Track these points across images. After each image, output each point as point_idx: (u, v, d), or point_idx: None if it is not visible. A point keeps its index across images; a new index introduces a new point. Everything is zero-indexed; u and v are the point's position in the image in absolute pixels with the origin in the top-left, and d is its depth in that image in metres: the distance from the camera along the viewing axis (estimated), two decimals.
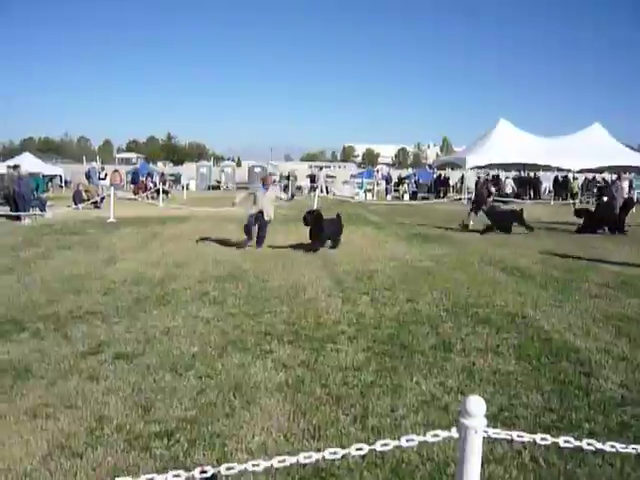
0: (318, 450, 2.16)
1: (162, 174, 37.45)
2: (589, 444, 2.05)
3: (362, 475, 3.22)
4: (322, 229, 11.43)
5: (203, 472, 1.81)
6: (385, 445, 1.94)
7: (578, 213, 16.69)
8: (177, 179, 41.05)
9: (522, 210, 15.64)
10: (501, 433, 1.97)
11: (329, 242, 11.85)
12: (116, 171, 35.51)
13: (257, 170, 41.70)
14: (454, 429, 1.93)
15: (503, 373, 4.79)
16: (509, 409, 4.10)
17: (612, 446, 2.13)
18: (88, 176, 28.92)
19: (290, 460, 1.87)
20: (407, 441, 1.93)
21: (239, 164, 77.91)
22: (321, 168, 47.68)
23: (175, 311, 6.57)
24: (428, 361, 5.04)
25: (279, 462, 1.87)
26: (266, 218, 11.67)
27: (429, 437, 1.95)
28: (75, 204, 20.64)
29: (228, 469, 1.83)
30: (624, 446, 2.21)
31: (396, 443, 1.92)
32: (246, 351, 5.23)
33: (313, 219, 11.50)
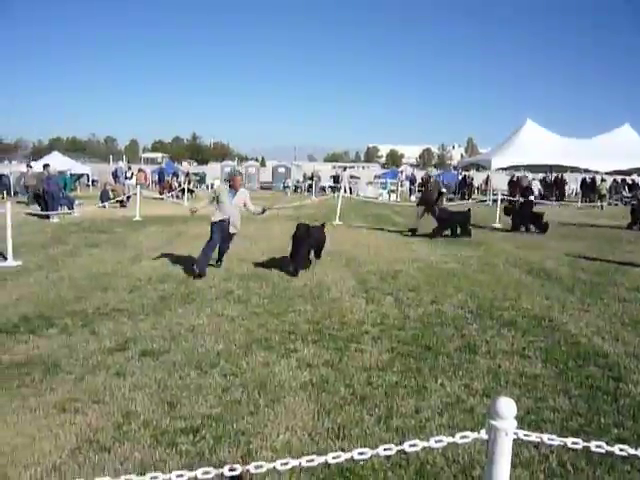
0: (343, 450, 2.16)
1: (187, 173, 37.75)
2: (621, 449, 2.02)
3: (386, 476, 3.21)
4: (305, 243, 9.18)
5: (232, 470, 1.82)
6: (413, 446, 1.93)
7: (507, 211, 16.45)
8: (202, 179, 41.38)
9: (469, 211, 14.96)
10: (532, 435, 1.94)
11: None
12: (141, 170, 35.89)
13: (281, 170, 41.81)
14: (483, 431, 1.91)
15: (529, 376, 4.73)
16: (536, 412, 4.05)
17: None
18: (115, 175, 29.34)
19: (318, 460, 1.87)
20: (436, 442, 1.92)
21: (263, 164, 78.25)
22: (345, 169, 47.66)
23: (200, 309, 6.62)
24: (453, 363, 5.00)
25: (307, 461, 1.87)
26: (232, 230, 9.16)
27: (458, 439, 1.94)
28: (102, 202, 20.97)
29: (257, 467, 1.84)
30: None
31: (425, 444, 1.91)
32: (270, 349, 5.25)
33: (299, 234, 9.10)
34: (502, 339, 5.71)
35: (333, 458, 1.90)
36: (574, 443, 1.96)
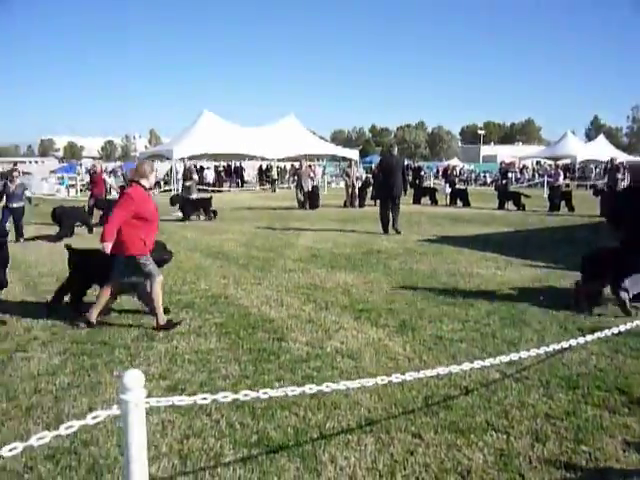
0: None
1: None
2: (246, 395, 2.30)
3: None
4: None
5: None
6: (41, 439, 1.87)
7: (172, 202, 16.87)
8: None
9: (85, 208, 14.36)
10: (162, 401, 2.06)
11: None
12: None
13: None
14: (115, 406, 1.95)
15: (204, 351, 4.98)
16: (207, 384, 4.29)
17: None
18: None
19: None
20: (66, 429, 1.89)
21: None
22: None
23: None
24: (130, 352, 4.96)
25: None
26: None
27: (89, 420, 1.94)
28: None
29: None
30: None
31: (55, 433, 1.87)
32: None
33: None
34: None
35: None
36: (204, 399, 2.15)
